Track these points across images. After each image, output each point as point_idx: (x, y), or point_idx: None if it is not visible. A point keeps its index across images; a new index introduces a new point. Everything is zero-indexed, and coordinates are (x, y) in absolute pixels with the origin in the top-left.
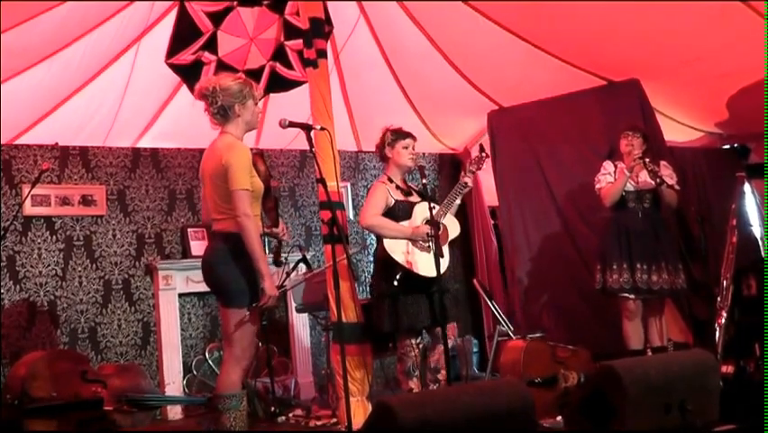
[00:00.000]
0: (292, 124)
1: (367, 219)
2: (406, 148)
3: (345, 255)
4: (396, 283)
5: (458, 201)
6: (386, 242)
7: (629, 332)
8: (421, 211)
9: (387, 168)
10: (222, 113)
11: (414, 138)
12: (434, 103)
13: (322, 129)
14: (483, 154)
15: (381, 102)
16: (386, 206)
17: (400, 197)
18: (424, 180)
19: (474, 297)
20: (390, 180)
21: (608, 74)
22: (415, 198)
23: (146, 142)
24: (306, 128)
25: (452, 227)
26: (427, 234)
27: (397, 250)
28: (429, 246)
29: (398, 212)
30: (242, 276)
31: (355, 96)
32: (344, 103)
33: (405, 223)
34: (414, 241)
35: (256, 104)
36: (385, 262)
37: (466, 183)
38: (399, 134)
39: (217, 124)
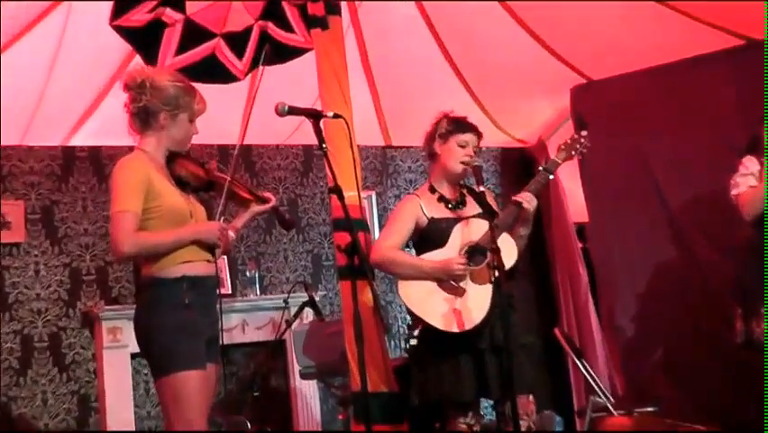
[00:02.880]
0: (293, 111)
1: (376, 252)
2: (463, 147)
3: (372, 295)
4: (415, 341)
5: (533, 205)
6: (400, 286)
7: None
8: (460, 234)
9: (432, 171)
10: (142, 116)
11: (478, 134)
12: (494, 78)
13: (335, 117)
14: (583, 133)
15: (419, 78)
16: (415, 228)
17: (442, 213)
18: (480, 187)
19: (556, 354)
20: (433, 190)
21: (747, 29)
22: (472, 208)
23: (81, 140)
24: (314, 116)
25: (506, 253)
26: (461, 268)
27: (415, 296)
28: (463, 288)
29: (434, 235)
30: (171, 333)
31: (382, 71)
32: (366, 80)
33: (436, 253)
34: (443, 282)
35: (192, 121)
36: (411, 312)
37: (546, 174)
38: (459, 126)
39: (134, 131)
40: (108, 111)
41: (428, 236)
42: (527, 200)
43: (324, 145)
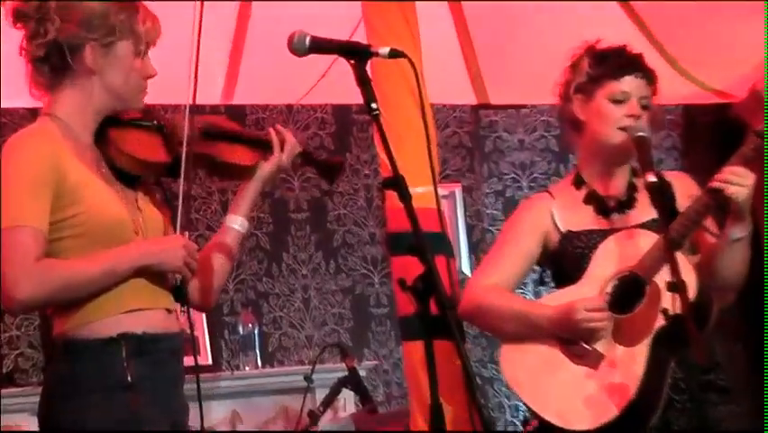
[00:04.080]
0: (319, 45)
1: (469, 295)
2: (620, 102)
3: (462, 367)
4: None
5: (746, 185)
6: (502, 352)
7: None
8: (610, 256)
9: (578, 150)
10: (54, 59)
11: (647, 76)
12: None
13: (394, 55)
14: None
15: None
16: (544, 250)
17: (586, 222)
18: (649, 176)
19: None
20: (579, 183)
21: None
22: (644, 211)
23: None
24: (355, 53)
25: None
26: (591, 317)
27: (523, 369)
28: (599, 353)
29: (570, 260)
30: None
31: None
32: None
33: (567, 292)
34: (568, 342)
35: (139, 54)
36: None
37: (763, 142)
38: (610, 64)
39: (42, 89)
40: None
41: (564, 263)
42: (736, 179)
43: (373, 105)
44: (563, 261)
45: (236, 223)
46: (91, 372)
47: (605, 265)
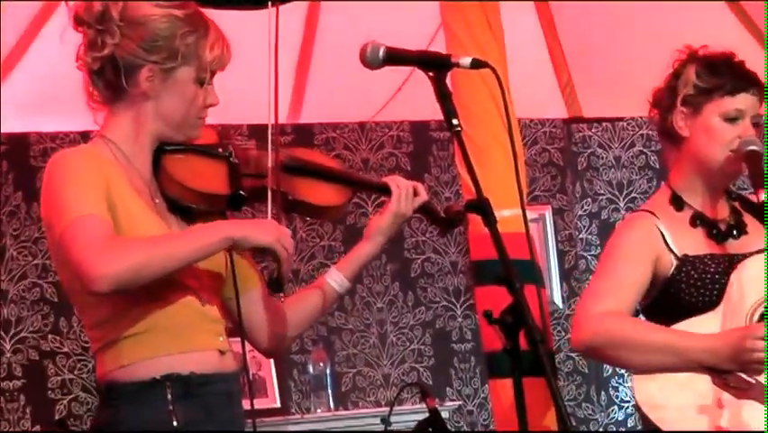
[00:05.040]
0: (395, 57)
1: (585, 325)
2: (733, 120)
3: (556, 409)
4: None
5: None
6: (637, 385)
7: None
8: (742, 286)
9: (674, 166)
10: (109, 75)
11: (760, 90)
12: None
13: (476, 65)
14: None
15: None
16: (654, 277)
17: (703, 246)
18: (762, 194)
19: None
20: (678, 203)
21: None
22: (756, 238)
23: None
24: (435, 64)
25: None
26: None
27: (673, 406)
28: (762, 384)
29: (692, 288)
30: None
31: None
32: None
33: (702, 322)
34: (720, 375)
35: (203, 82)
36: None
37: None
38: (723, 78)
39: (98, 102)
40: (42, 65)
41: (679, 291)
42: None
43: (454, 121)
44: (679, 288)
45: (335, 279)
46: (132, 417)
47: (741, 294)
